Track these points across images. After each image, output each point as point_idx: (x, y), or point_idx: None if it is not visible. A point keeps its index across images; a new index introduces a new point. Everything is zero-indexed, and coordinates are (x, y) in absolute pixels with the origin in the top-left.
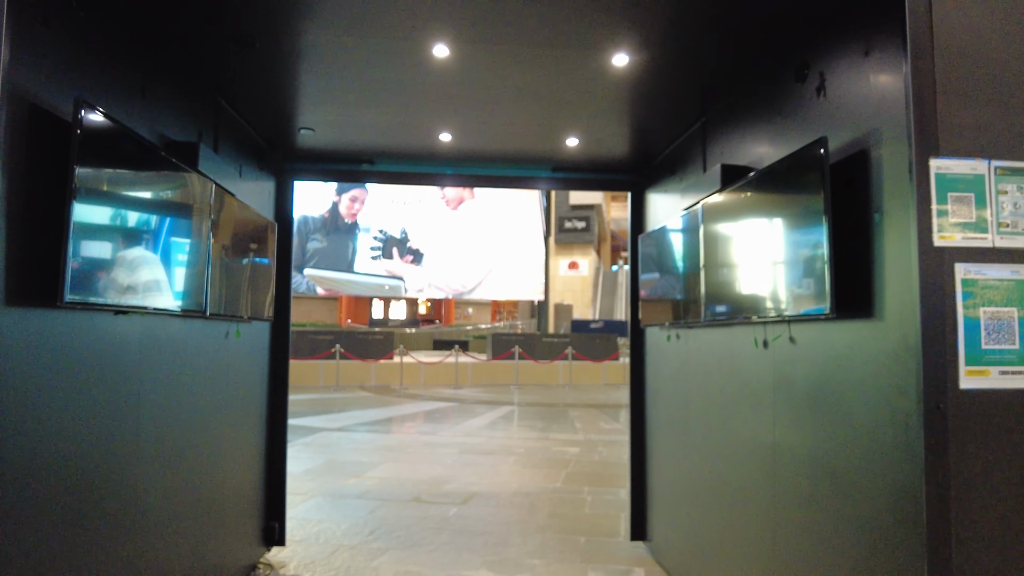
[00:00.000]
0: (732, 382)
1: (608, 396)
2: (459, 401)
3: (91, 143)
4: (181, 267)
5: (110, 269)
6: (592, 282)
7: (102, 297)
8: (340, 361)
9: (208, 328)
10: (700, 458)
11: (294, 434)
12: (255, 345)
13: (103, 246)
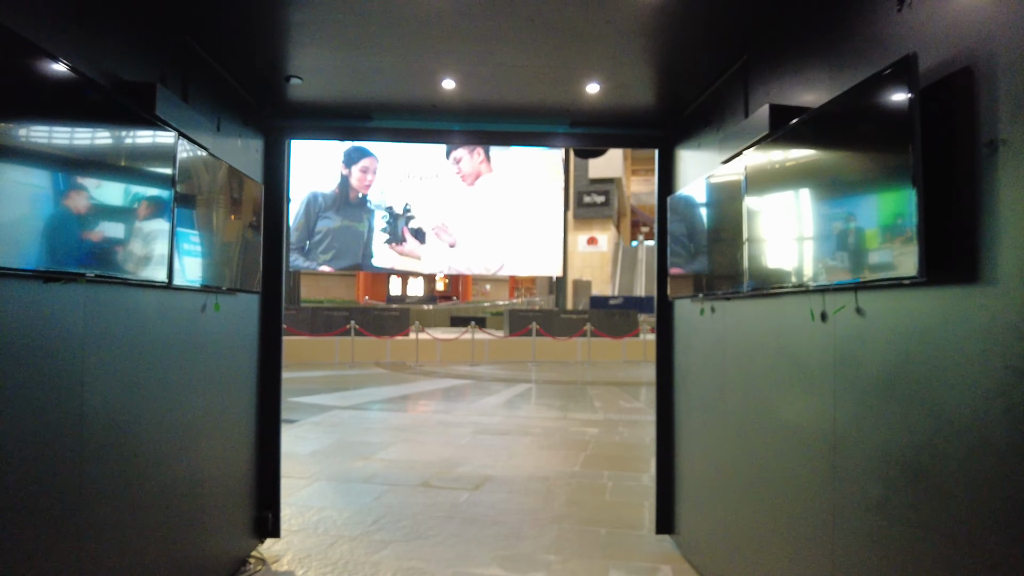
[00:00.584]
0: (780, 362)
1: (628, 373)
2: (475, 379)
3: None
4: (135, 229)
5: (39, 227)
6: (611, 258)
7: (24, 261)
8: (355, 338)
9: (176, 300)
10: (739, 447)
11: (304, 413)
12: (241, 319)
13: (28, 199)
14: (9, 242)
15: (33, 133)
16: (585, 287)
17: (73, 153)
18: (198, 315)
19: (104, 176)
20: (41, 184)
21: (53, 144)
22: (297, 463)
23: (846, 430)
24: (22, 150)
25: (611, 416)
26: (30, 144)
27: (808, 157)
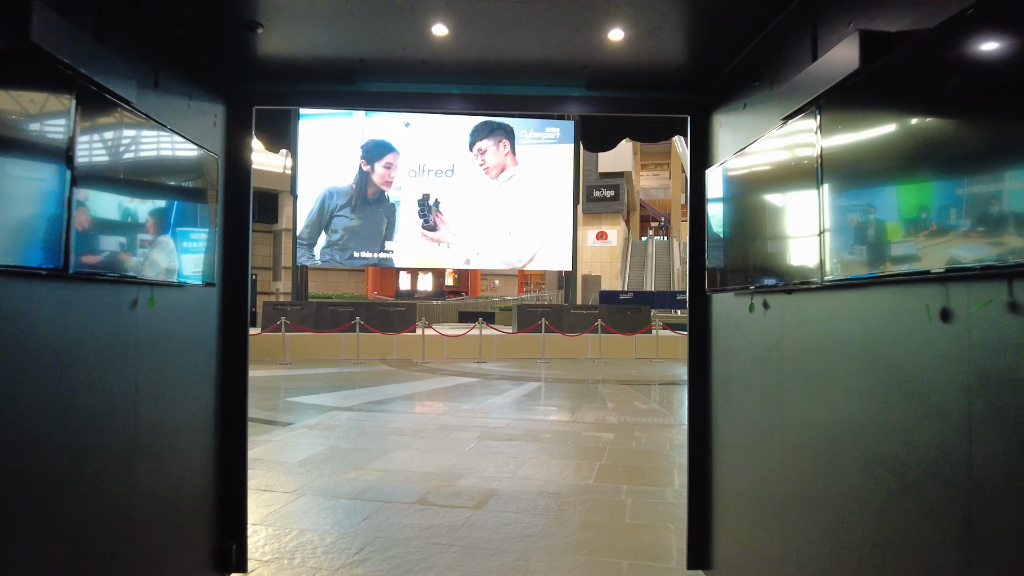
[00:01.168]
0: (870, 376)
1: (640, 371)
2: (482, 376)
3: None
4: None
5: None
6: (621, 253)
7: None
8: (361, 334)
9: (84, 294)
10: (805, 478)
11: (301, 414)
12: (192, 317)
13: None
14: None
15: None
16: (594, 282)
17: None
18: (125, 312)
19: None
20: None
21: None
22: (284, 474)
23: (993, 477)
24: None
25: (626, 419)
26: None
27: (929, 88)
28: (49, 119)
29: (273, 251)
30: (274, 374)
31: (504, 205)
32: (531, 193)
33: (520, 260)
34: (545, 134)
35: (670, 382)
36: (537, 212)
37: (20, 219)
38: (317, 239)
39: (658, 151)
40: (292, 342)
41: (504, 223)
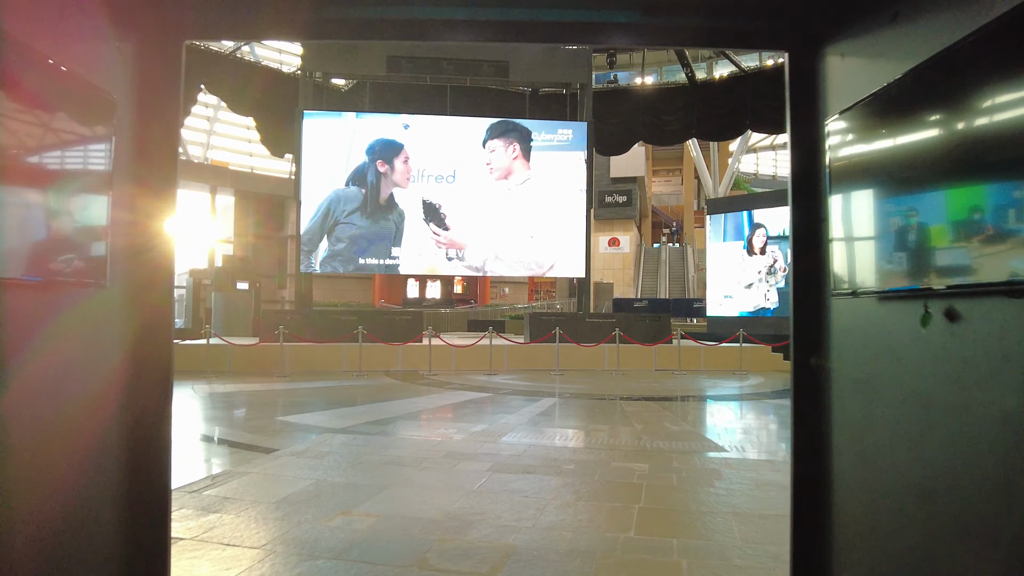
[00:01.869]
0: None
1: (663, 385)
2: (492, 391)
3: None
4: None
5: None
6: (634, 259)
7: None
8: (364, 345)
9: None
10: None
11: (289, 438)
12: (63, 330)
13: None
14: None
15: None
16: (606, 289)
17: None
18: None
19: None
20: None
21: None
22: (256, 519)
23: None
24: None
25: (659, 444)
26: None
27: None
28: None
29: (278, 258)
30: (269, 388)
31: (514, 210)
32: (544, 197)
33: (541, 266)
34: (557, 136)
35: (697, 397)
36: (551, 217)
37: None
38: (319, 245)
39: (670, 156)
40: (291, 353)
41: (518, 228)
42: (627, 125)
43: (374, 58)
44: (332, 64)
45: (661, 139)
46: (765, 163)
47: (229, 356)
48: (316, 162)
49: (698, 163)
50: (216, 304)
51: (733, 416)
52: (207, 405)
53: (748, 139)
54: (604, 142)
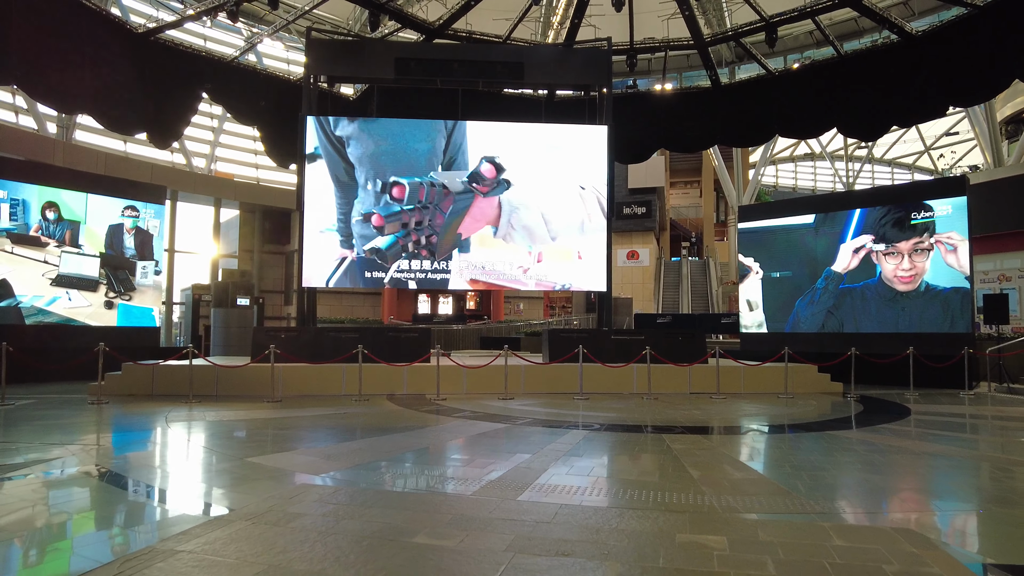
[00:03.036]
0: None
1: (705, 413)
2: (509, 420)
3: None
4: None
5: None
6: (654, 273)
7: None
8: (366, 365)
9: None
10: None
11: (251, 492)
12: None
13: None
14: None
15: None
16: (626, 304)
17: None
18: None
19: None
20: None
21: None
22: None
23: None
24: None
25: (729, 501)
26: None
27: None
28: None
29: (285, 273)
30: (254, 416)
31: (529, 218)
32: (560, 205)
33: (570, 280)
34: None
35: (749, 428)
36: (570, 226)
37: None
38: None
39: (687, 168)
40: (285, 375)
41: (517, 240)
42: (647, 132)
43: (381, 60)
44: (337, 66)
45: (683, 145)
46: (784, 175)
47: (217, 379)
48: (320, 170)
49: (720, 173)
50: (215, 321)
51: (803, 455)
52: (172, 440)
53: (772, 148)
54: (623, 150)
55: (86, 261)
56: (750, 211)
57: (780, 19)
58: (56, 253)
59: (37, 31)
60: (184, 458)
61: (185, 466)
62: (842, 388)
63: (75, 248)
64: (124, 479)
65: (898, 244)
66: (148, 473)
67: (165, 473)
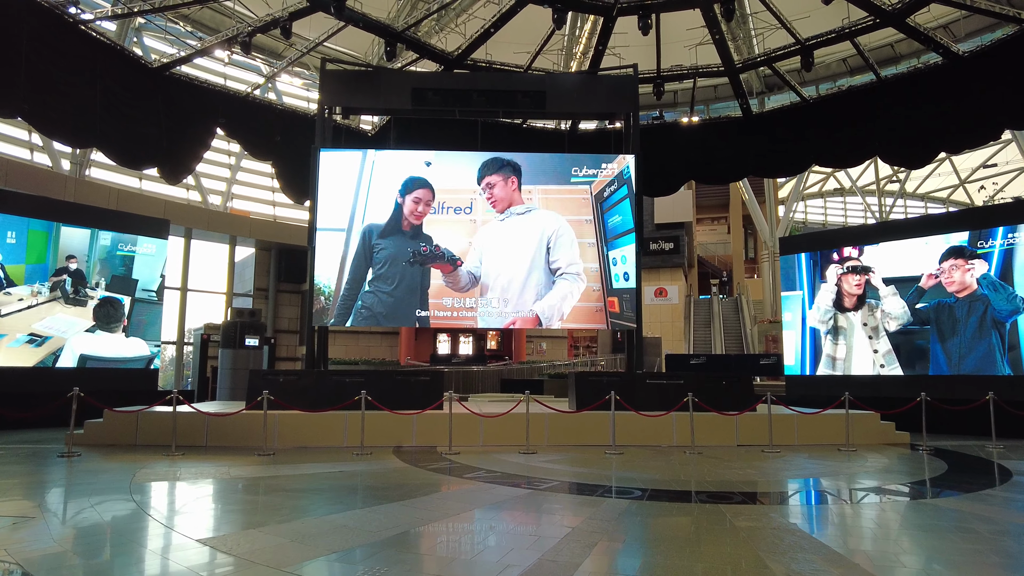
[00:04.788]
0: None
1: (763, 471)
2: (531, 484)
3: None
4: None
5: None
6: (683, 312)
7: None
8: (371, 413)
9: None
10: None
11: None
12: None
13: None
14: None
15: None
16: (654, 344)
17: None
18: None
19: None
20: None
21: None
22: None
23: None
24: None
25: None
26: None
27: None
28: None
29: (300, 312)
30: (238, 474)
31: (527, 253)
32: (575, 240)
33: (583, 315)
34: (601, 171)
35: (825, 494)
36: (593, 259)
37: None
38: (359, 291)
39: (714, 203)
40: (282, 424)
41: (535, 275)
42: (675, 163)
43: (397, 90)
44: (352, 98)
45: (714, 177)
46: (813, 211)
47: (207, 427)
48: (333, 204)
49: (751, 207)
50: (222, 363)
51: (911, 539)
52: (120, 511)
53: (804, 182)
54: (650, 183)
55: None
56: (795, 242)
57: (816, 41)
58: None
59: (47, 64)
60: (118, 541)
61: (103, 563)
62: (909, 439)
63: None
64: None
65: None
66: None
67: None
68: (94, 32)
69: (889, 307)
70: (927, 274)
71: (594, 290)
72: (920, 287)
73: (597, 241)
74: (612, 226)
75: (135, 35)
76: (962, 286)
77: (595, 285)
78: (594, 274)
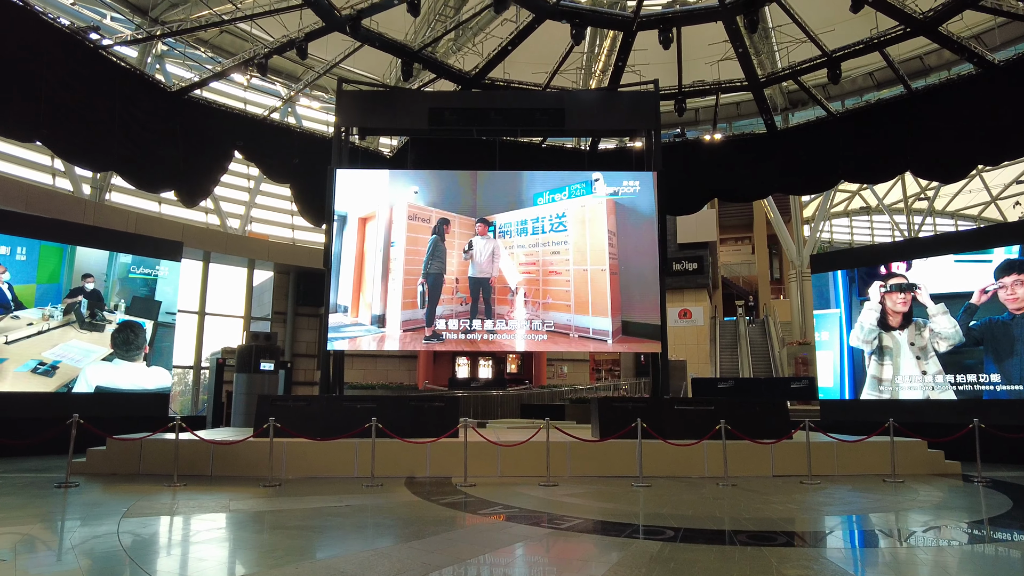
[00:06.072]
0: None
1: (805, 506)
2: (551, 521)
3: None
4: None
5: None
6: (709, 334)
7: None
8: (382, 441)
9: None
10: None
11: None
12: None
13: None
14: None
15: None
16: (679, 367)
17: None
18: None
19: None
20: None
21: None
22: None
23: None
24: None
25: None
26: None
27: None
28: None
29: (319, 336)
30: (239, 507)
31: (577, 271)
32: (597, 261)
33: (606, 337)
34: (622, 188)
35: (882, 535)
36: (602, 284)
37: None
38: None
39: (737, 223)
40: (290, 453)
41: (582, 291)
42: (698, 181)
43: (414, 110)
44: (368, 118)
45: (739, 195)
46: (839, 230)
47: (212, 456)
48: (351, 226)
49: (777, 226)
50: (237, 387)
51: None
52: (96, 551)
53: (831, 199)
54: (672, 202)
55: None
56: (829, 259)
57: (843, 53)
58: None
59: (66, 89)
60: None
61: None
62: (960, 469)
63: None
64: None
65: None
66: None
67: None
68: (114, 57)
69: (939, 326)
70: (979, 290)
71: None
72: (972, 304)
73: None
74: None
75: (158, 62)
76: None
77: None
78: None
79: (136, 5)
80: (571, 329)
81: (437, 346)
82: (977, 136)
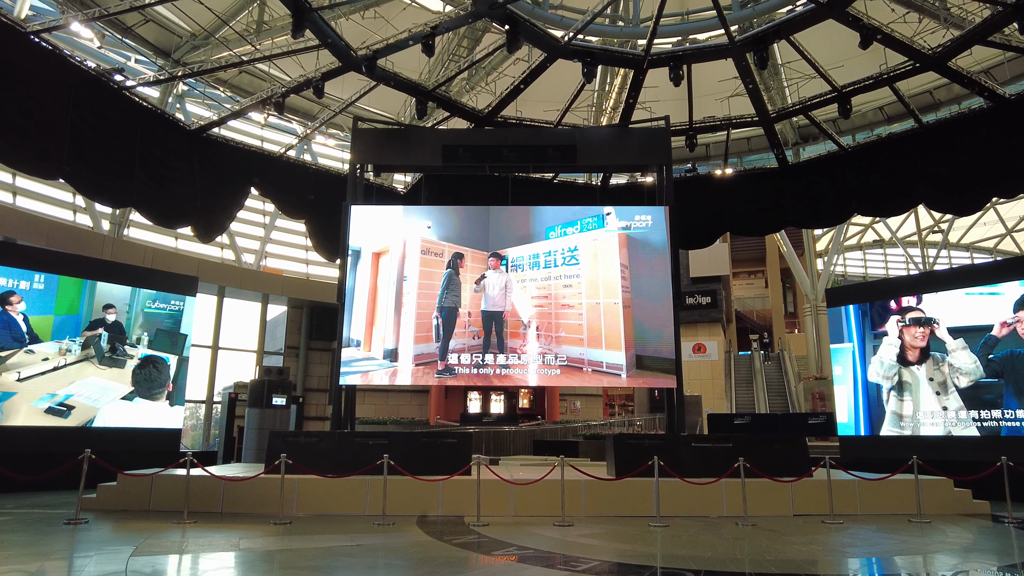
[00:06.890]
0: None
1: (829, 548)
2: (567, 565)
3: None
4: None
5: None
6: (723, 368)
7: None
8: (394, 478)
9: None
10: None
11: None
12: None
13: None
14: None
15: None
16: (694, 402)
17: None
18: None
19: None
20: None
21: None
22: None
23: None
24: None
25: None
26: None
27: None
28: None
29: (331, 371)
30: (246, 546)
31: (586, 306)
32: (610, 296)
33: (619, 371)
34: (634, 222)
35: (914, 574)
36: (616, 318)
37: None
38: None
39: (750, 257)
40: (301, 490)
41: (594, 326)
42: (710, 216)
43: (428, 147)
44: (383, 155)
45: (751, 229)
46: (852, 264)
47: (223, 492)
48: (364, 260)
49: (790, 260)
50: (249, 423)
51: None
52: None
53: (844, 233)
54: (684, 236)
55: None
56: (844, 293)
57: (853, 88)
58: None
59: (89, 128)
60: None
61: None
62: (989, 508)
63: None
64: None
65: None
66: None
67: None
68: (136, 97)
69: (959, 361)
70: (1000, 323)
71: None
72: (993, 336)
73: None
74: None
75: (178, 101)
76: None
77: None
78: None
79: (159, 48)
80: (584, 363)
81: (449, 381)
82: (991, 169)
